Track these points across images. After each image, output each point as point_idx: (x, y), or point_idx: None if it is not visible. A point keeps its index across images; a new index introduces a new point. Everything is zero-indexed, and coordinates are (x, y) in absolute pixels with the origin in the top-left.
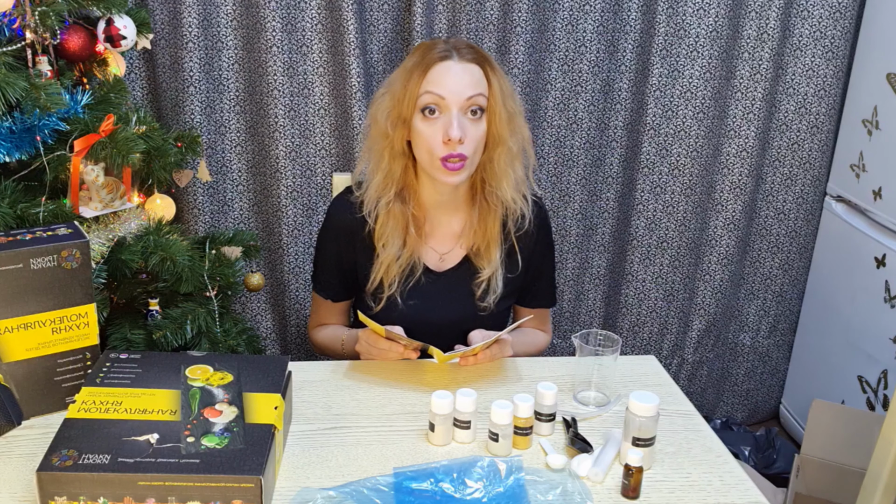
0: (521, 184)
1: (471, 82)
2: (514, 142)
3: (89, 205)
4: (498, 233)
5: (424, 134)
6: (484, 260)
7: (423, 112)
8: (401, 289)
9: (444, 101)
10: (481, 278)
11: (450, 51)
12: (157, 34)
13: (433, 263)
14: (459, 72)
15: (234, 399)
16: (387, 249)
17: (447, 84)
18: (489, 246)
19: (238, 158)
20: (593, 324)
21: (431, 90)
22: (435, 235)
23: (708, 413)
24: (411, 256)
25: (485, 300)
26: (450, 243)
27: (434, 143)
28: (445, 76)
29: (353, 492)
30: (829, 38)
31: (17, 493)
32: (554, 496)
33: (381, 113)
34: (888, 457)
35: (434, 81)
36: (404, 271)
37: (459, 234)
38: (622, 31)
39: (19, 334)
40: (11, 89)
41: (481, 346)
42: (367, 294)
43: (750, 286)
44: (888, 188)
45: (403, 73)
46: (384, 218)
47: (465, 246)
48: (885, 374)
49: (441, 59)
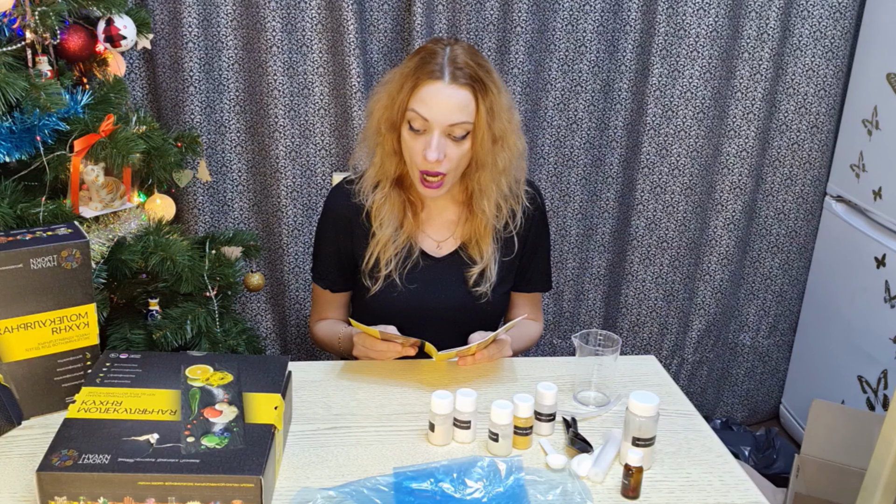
0: (509, 197)
1: (457, 107)
2: (501, 159)
3: (89, 205)
4: (490, 230)
5: (409, 144)
6: (476, 253)
7: (408, 124)
8: (399, 270)
9: (428, 123)
10: (473, 271)
11: (442, 70)
12: (157, 34)
13: (430, 249)
14: (447, 96)
15: (234, 399)
16: (383, 228)
17: (432, 107)
18: (479, 242)
19: (238, 158)
20: (593, 324)
21: (416, 109)
22: (431, 223)
23: (708, 413)
24: (408, 238)
25: (479, 287)
26: (446, 232)
27: (416, 155)
28: (432, 99)
29: (353, 492)
30: (829, 38)
31: (17, 493)
32: (554, 496)
33: (377, 109)
34: (888, 457)
35: (421, 101)
36: (401, 252)
37: (455, 222)
38: (622, 31)
39: (19, 334)
40: (11, 89)
41: (477, 345)
42: (363, 274)
43: (750, 286)
44: (888, 188)
45: (399, 78)
46: (381, 200)
47: (461, 234)
48: (885, 374)
49: (432, 78)
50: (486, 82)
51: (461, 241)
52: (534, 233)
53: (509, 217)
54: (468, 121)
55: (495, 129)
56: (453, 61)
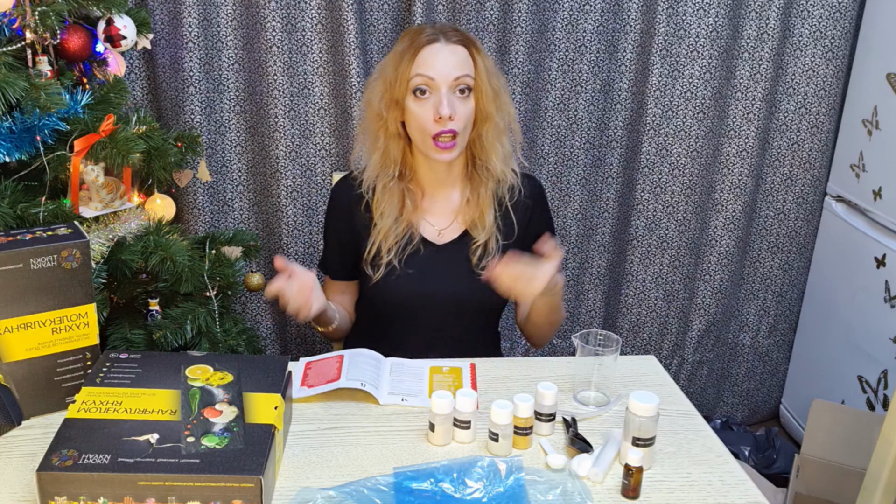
0: (509, 157)
1: (458, 63)
2: (500, 117)
3: (89, 205)
4: (491, 200)
5: (416, 113)
6: (479, 228)
7: (414, 93)
8: (399, 256)
9: (434, 82)
10: (478, 242)
11: (437, 34)
12: (157, 34)
13: (431, 237)
14: (447, 54)
15: (234, 399)
16: (384, 218)
17: (436, 65)
18: (482, 214)
19: (238, 158)
20: (593, 324)
21: (421, 72)
22: (433, 210)
23: (708, 413)
24: (408, 226)
25: (481, 264)
26: (447, 219)
27: (426, 121)
28: (434, 58)
29: (353, 492)
30: (829, 38)
31: (17, 493)
32: (554, 496)
33: (375, 96)
34: (888, 457)
35: (423, 64)
36: (402, 240)
37: (456, 209)
38: (622, 31)
39: (19, 334)
40: (11, 89)
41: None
42: (366, 263)
43: (750, 286)
44: (888, 188)
45: (394, 58)
46: (381, 192)
47: (463, 220)
48: (885, 374)
49: (429, 42)
50: (476, 43)
51: (465, 226)
52: (536, 222)
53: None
54: (469, 74)
55: (493, 84)
56: (442, 29)
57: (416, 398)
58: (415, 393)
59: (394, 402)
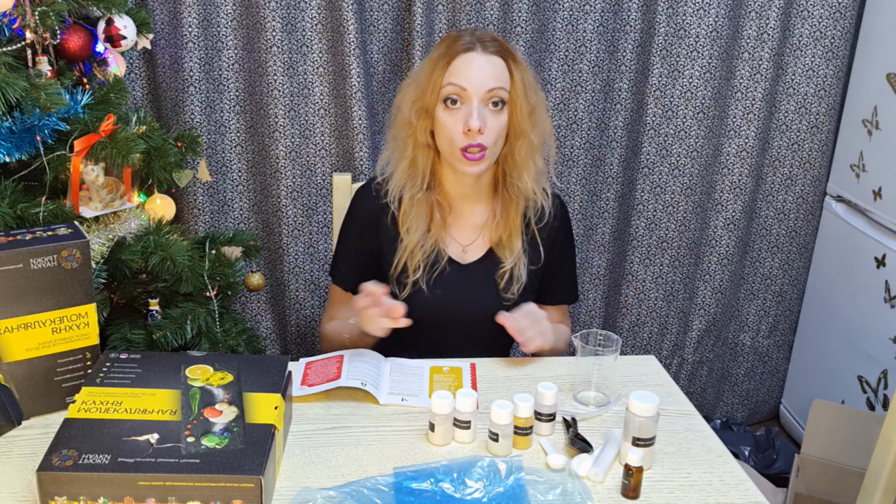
0: (542, 176)
1: (493, 75)
2: (535, 134)
3: (89, 205)
4: (520, 223)
5: (446, 123)
6: (506, 250)
7: (445, 102)
8: (426, 277)
9: (466, 93)
10: (504, 268)
11: (474, 43)
12: (157, 34)
13: (456, 255)
14: (482, 64)
15: (234, 399)
16: (411, 234)
17: (469, 75)
18: (511, 236)
19: (238, 158)
20: (593, 324)
21: (454, 81)
22: (458, 226)
23: (708, 413)
24: (435, 243)
25: (509, 290)
26: (472, 234)
27: (455, 132)
28: (468, 68)
29: (353, 492)
30: (829, 38)
31: (17, 493)
32: (554, 496)
33: (406, 102)
34: (888, 457)
35: (457, 73)
36: (429, 258)
37: (482, 225)
38: (622, 31)
39: (19, 334)
40: (11, 89)
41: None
42: (391, 280)
43: (750, 286)
44: (888, 188)
45: (429, 64)
46: (408, 204)
47: (489, 238)
48: (885, 374)
49: (465, 50)
50: (515, 55)
51: (491, 240)
52: (559, 244)
53: (533, 215)
54: (504, 87)
55: (530, 99)
56: (481, 37)
57: (416, 398)
58: (415, 393)
59: (394, 402)
